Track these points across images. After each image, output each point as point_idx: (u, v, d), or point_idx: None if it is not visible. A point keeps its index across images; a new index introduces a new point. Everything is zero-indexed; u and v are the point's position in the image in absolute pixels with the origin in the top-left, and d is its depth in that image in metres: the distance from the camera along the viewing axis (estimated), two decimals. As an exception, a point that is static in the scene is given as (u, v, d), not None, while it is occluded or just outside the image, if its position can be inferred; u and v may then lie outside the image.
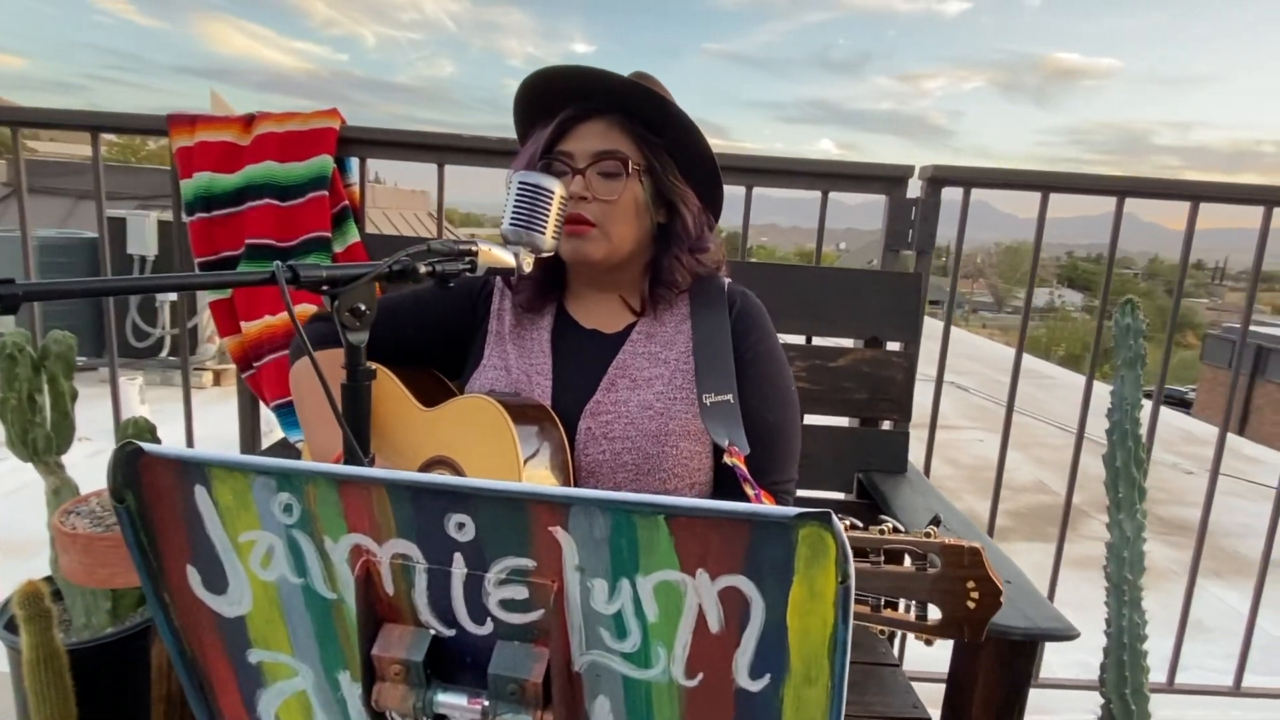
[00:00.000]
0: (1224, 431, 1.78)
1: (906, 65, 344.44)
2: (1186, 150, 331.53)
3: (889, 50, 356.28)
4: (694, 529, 0.50)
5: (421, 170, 1.78)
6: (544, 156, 1.05)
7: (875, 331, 1.57)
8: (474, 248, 0.91)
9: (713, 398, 1.00)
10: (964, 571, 0.64)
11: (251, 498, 0.57)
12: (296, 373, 1.14)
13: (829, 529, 0.48)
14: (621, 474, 1.01)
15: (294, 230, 1.52)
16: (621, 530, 0.51)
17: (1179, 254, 1.74)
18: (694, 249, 1.08)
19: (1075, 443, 1.83)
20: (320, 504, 0.56)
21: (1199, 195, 1.63)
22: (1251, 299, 1.75)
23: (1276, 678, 2.14)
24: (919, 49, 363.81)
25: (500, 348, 1.12)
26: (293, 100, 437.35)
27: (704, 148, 1.05)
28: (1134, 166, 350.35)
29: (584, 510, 0.51)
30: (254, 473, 0.56)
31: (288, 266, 0.76)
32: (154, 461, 0.58)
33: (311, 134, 1.57)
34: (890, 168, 1.63)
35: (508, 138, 1.64)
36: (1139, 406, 1.21)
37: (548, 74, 1.04)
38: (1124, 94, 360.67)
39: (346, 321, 0.81)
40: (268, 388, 1.49)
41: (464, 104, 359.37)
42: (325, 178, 1.55)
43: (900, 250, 1.64)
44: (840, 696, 0.51)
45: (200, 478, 0.57)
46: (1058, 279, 77.94)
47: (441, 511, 0.54)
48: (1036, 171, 1.68)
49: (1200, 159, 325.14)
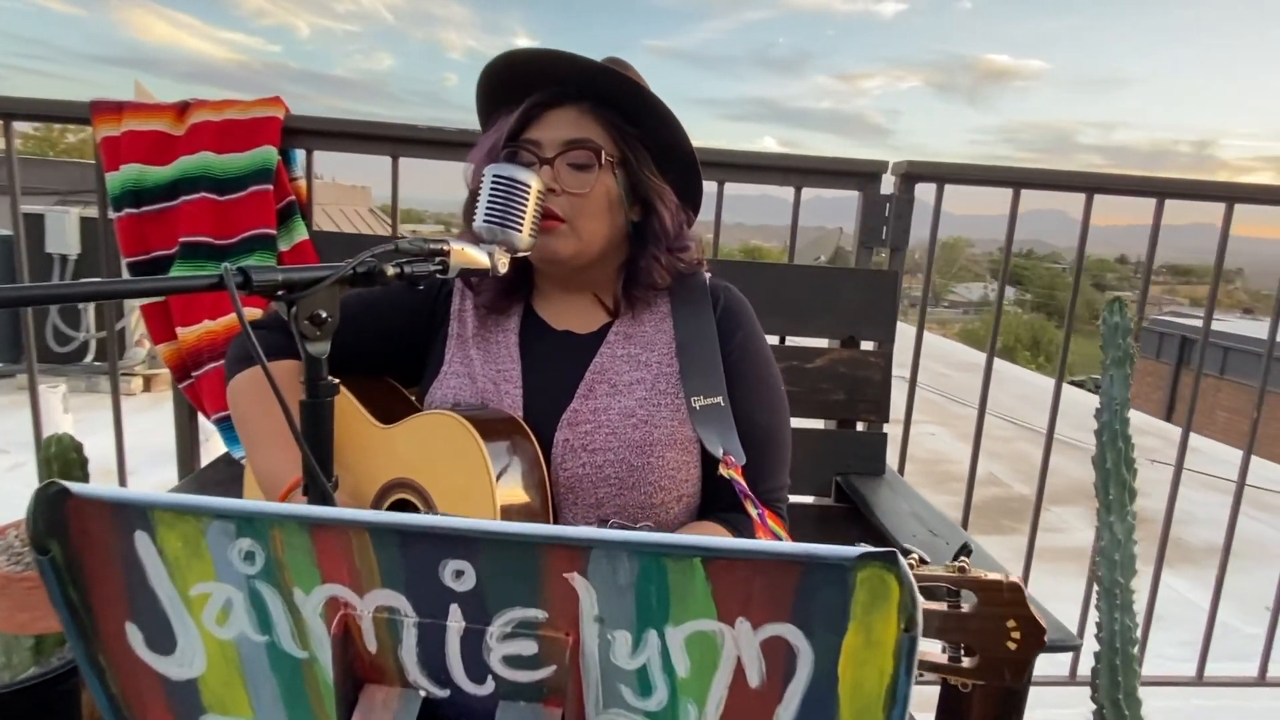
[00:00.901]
0: (1186, 432, 1.80)
1: (845, 65, 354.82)
2: (1109, 149, 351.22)
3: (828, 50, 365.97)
4: (735, 573, 0.44)
5: (363, 164, 1.67)
6: (508, 144, 0.97)
7: (852, 330, 1.53)
8: (446, 247, 0.83)
9: (702, 400, 0.94)
10: (1003, 609, 0.59)
11: (205, 544, 0.48)
12: (236, 389, 1.03)
13: (893, 571, 0.42)
14: (604, 489, 0.94)
15: (234, 227, 1.41)
16: (650, 576, 0.44)
17: (1108, 249, 1.74)
18: (672, 248, 1.01)
19: (1045, 442, 1.83)
20: (289, 551, 0.47)
21: (1164, 192, 1.64)
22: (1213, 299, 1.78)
23: (1228, 663, 2.18)
24: (857, 49, 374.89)
25: (463, 353, 1.04)
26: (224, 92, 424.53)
27: (683, 140, 0.98)
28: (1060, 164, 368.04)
29: (607, 554, 0.44)
30: (208, 516, 0.47)
31: (238, 269, 0.67)
32: (84, 504, 0.49)
33: (252, 123, 1.46)
34: (864, 163, 1.59)
35: (467, 129, 1.55)
36: (1128, 406, 1.19)
37: (514, 56, 0.96)
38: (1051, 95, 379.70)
39: (305, 331, 0.72)
40: (209, 399, 1.37)
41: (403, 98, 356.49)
42: (268, 170, 1.43)
43: (874, 247, 1.60)
44: (900, 757, 0.45)
45: (142, 522, 0.49)
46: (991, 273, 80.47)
47: (436, 558, 0.46)
48: (1009, 168, 1.67)
49: (1122, 158, 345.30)
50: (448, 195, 1.58)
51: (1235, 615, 2.71)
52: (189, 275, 0.67)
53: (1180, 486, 2.17)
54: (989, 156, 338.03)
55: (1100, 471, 1.19)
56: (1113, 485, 1.18)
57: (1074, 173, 1.64)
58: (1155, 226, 1.69)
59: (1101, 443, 1.21)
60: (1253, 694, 1.98)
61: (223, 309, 1.37)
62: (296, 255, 1.45)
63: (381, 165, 1.56)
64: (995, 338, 1.80)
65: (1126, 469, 1.17)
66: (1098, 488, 1.20)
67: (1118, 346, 1.19)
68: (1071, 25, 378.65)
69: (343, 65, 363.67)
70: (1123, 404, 1.18)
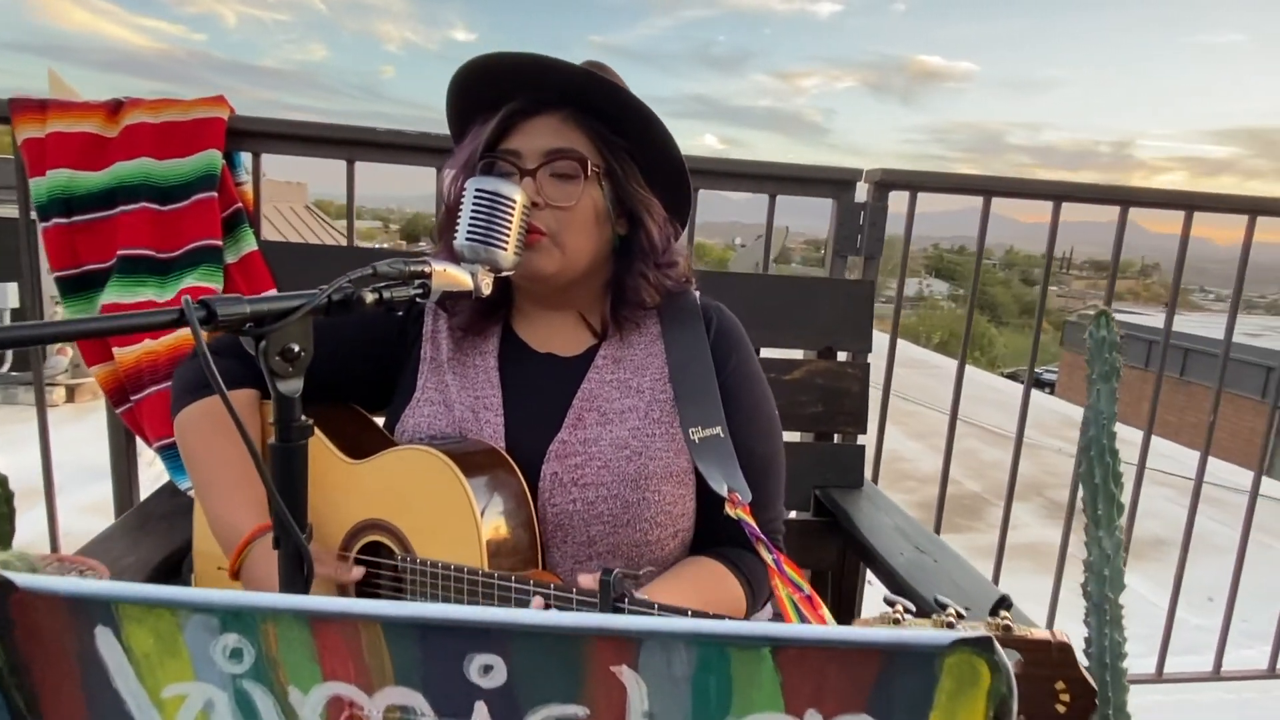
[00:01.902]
0: (1148, 434, 1.83)
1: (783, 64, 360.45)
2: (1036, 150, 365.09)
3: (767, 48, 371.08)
4: (808, 662, 0.39)
5: (297, 159, 1.55)
6: (485, 155, 0.90)
7: (829, 341, 1.51)
8: (427, 269, 0.76)
9: (700, 432, 0.88)
10: (1051, 670, 0.56)
11: (182, 641, 0.41)
12: (186, 423, 0.94)
13: (985, 657, 0.38)
14: (596, 526, 0.88)
15: (177, 238, 1.30)
16: (710, 666, 0.39)
17: (1032, 245, 1.77)
18: (660, 264, 0.95)
19: (1015, 445, 1.84)
20: (284, 648, 0.41)
21: (1129, 200, 1.66)
22: (1173, 301, 1.81)
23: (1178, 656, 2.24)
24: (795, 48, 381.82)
25: (437, 378, 0.97)
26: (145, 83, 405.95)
27: (672, 150, 0.93)
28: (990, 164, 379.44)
29: (661, 645, 0.39)
30: (186, 610, 0.40)
31: (200, 303, 0.60)
32: (31, 599, 0.41)
33: (194, 125, 1.35)
34: (838, 171, 1.57)
35: (428, 132, 1.47)
36: (1114, 420, 1.18)
37: (490, 61, 0.89)
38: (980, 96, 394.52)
39: (276, 367, 0.65)
40: (150, 425, 1.26)
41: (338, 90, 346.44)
42: (213, 176, 1.33)
43: (848, 255, 1.58)
44: None
45: (104, 617, 0.41)
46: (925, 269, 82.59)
47: (460, 652, 0.40)
48: (980, 176, 1.67)
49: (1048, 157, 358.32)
50: (385, 191, 1.49)
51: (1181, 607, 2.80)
52: (146, 314, 0.59)
53: (1125, 481, 2.24)
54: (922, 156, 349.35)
55: (1088, 487, 1.18)
56: (1101, 500, 1.17)
57: (1042, 181, 1.65)
58: (1120, 230, 1.71)
59: (1089, 458, 1.19)
60: (1206, 688, 2.04)
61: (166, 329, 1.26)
62: (245, 268, 1.34)
63: (319, 160, 1.47)
64: (965, 346, 1.80)
65: (1114, 484, 1.16)
66: (1086, 503, 1.19)
67: (1104, 360, 1.17)
68: (999, 29, 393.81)
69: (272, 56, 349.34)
70: (1110, 418, 1.17)
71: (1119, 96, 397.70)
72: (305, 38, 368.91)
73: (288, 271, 1.37)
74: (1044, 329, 2.04)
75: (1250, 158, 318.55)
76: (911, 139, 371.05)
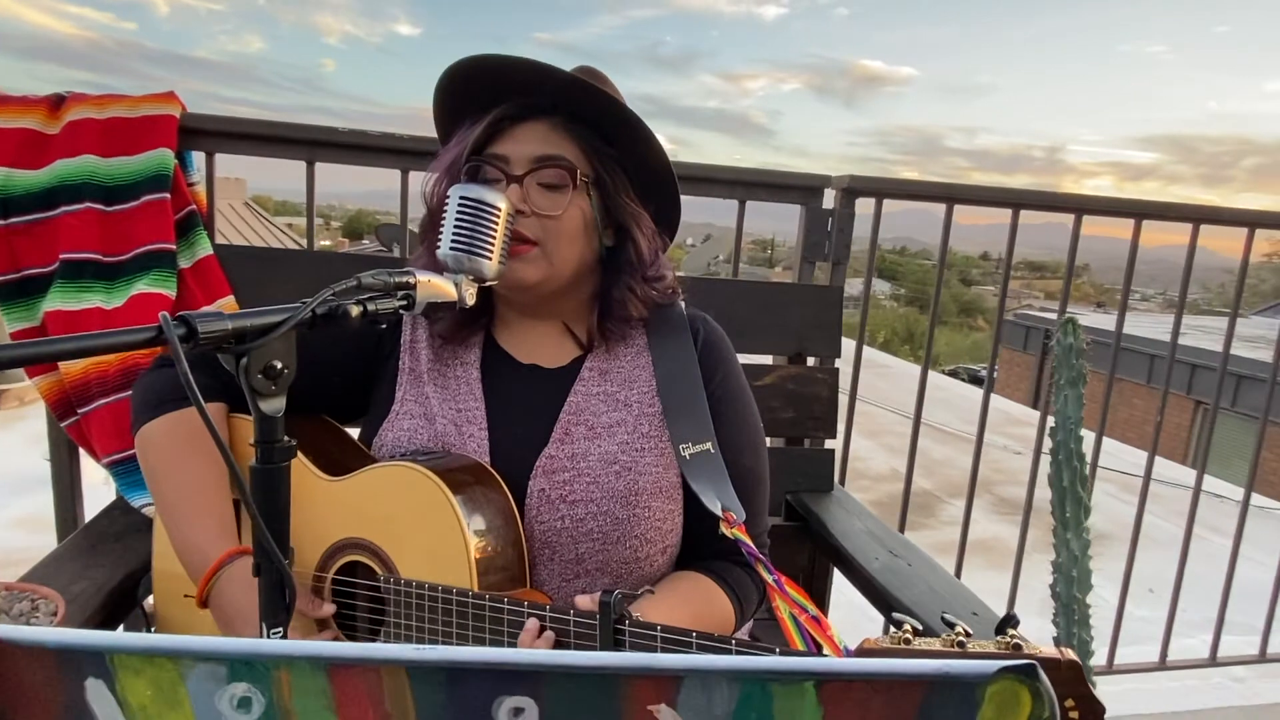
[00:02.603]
0: (1100, 435, 1.89)
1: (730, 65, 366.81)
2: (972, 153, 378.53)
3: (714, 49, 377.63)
4: (852, 696, 0.38)
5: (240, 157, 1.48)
6: (471, 158, 0.88)
7: (799, 346, 1.51)
8: (411, 279, 0.73)
9: (691, 448, 0.87)
10: (1061, 689, 0.56)
11: (184, 693, 0.38)
12: (148, 440, 0.89)
13: (1028, 684, 0.37)
14: (585, 544, 0.86)
15: (126, 242, 1.23)
16: (752, 703, 0.38)
17: (970, 246, 1.81)
18: (648, 277, 0.94)
19: (975, 446, 1.88)
20: (298, 696, 0.38)
21: (1082, 208, 1.71)
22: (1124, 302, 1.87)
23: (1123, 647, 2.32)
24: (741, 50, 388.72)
25: (417, 389, 0.94)
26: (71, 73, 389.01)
27: (663, 160, 0.92)
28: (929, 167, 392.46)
29: (703, 682, 0.38)
30: (190, 659, 0.38)
31: (179, 319, 0.56)
32: (14, 651, 0.38)
33: (143, 122, 1.28)
34: (806, 177, 1.57)
35: (391, 132, 1.43)
36: (1081, 425, 1.21)
37: (482, 61, 0.87)
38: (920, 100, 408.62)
39: (259, 385, 0.62)
40: (99, 439, 1.19)
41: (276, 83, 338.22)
42: (165, 176, 1.26)
43: (817, 261, 1.59)
44: None
45: (96, 669, 0.38)
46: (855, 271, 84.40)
47: (489, 695, 0.38)
48: (942, 184, 1.70)
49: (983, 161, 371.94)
50: (324, 187, 1.42)
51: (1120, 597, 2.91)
52: (120, 332, 0.55)
53: (1043, 472, 2.33)
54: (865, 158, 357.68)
55: (1056, 490, 1.21)
56: (1069, 503, 1.20)
57: (1000, 189, 1.69)
58: (1075, 237, 1.75)
59: (1057, 461, 1.22)
60: (1152, 678, 2.12)
61: (114, 336, 1.20)
62: (199, 273, 1.28)
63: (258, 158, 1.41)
64: (929, 352, 1.83)
65: (1081, 486, 1.20)
66: (1054, 505, 1.22)
67: (1071, 367, 1.20)
68: (937, 35, 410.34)
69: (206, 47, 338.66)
70: (1077, 423, 1.20)
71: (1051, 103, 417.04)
72: (241, 29, 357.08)
73: (246, 277, 1.31)
74: (981, 327, 2.08)
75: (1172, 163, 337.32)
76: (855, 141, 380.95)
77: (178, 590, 0.97)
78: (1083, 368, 1.20)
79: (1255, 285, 28.61)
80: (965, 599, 1.13)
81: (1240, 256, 1.86)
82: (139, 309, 1.21)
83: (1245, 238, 1.84)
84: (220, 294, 1.28)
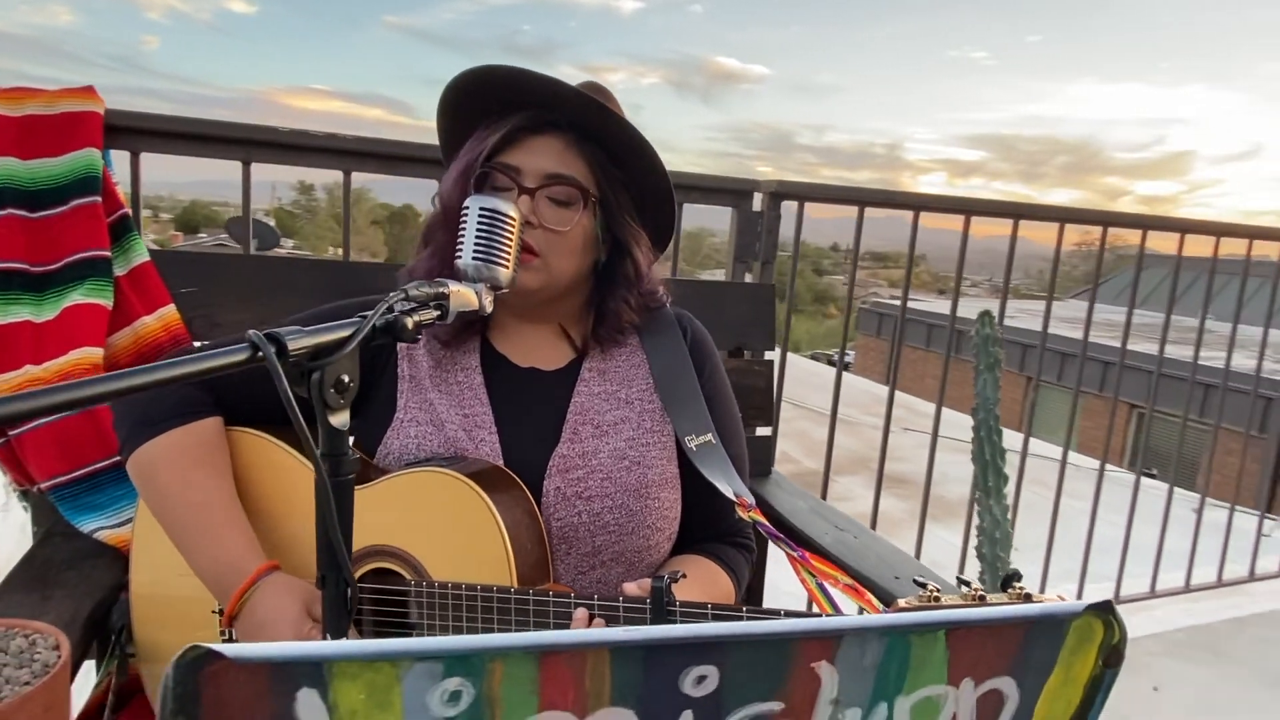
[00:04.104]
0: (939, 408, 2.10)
1: (590, 57, 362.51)
2: (821, 150, 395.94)
3: (573, 41, 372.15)
4: (972, 639, 0.46)
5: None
6: (485, 165, 0.90)
7: (738, 341, 1.61)
8: (445, 290, 0.76)
9: (696, 440, 0.94)
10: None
11: (398, 693, 0.41)
12: (151, 460, 0.86)
13: (1102, 617, 0.47)
14: (601, 536, 0.91)
15: (55, 249, 1.14)
16: (895, 653, 0.45)
17: (821, 238, 1.97)
18: (643, 291, 0.99)
19: (829, 423, 2.04)
20: (506, 685, 0.42)
21: (970, 210, 1.91)
22: (1002, 299, 2.09)
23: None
24: (600, 42, 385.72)
25: (420, 396, 0.95)
26: None
27: (666, 185, 0.96)
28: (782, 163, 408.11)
29: (858, 639, 0.44)
30: (408, 660, 0.40)
31: (269, 336, 0.56)
32: (229, 669, 0.39)
33: (64, 119, 1.19)
34: (737, 181, 1.67)
35: (335, 134, 1.40)
36: (998, 404, 1.37)
37: (493, 73, 0.89)
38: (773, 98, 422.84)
39: (330, 400, 0.62)
40: (37, 463, 1.10)
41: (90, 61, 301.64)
42: (93, 178, 1.18)
43: (749, 261, 1.69)
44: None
45: (310, 679, 0.40)
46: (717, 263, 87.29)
47: (680, 667, 0.43)
48: (856, 188, 1.84)
49: (831, 157, 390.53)
50: (150, 175, 1.33)
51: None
52: (206, 355, 0.54)
53: (925, 450, 2.58)
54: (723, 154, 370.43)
55: (979, 463, 1.37)
56: (991, 473, 1.36)
57: (906, 193, 1.85)
58: (963, 238, 1.95)
59: (979, 438, 1.38)
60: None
61: (50, 351, 1.11)
62: (136, 281, 1.21)
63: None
64: (843, 350, 1.97)
65: (1001, 459, 1.35)
66: (977, 476, 1.38)
67: (989, 354, 1.36)
68: (788, 36, 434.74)
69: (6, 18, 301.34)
70: (995, 403, 1.36)
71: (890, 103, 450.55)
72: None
73: (186, 284, 1.25)
74: (833, 314, 2.24)
75: (995, 161, 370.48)
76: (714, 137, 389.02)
77: (159, 614, 0.94)
78: (998, 354, 1.35)
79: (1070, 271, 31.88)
80: (911, 565, 1.26)
81: (1055, 246, 2.10)
82: (74, 321, 1.13)
83: (1057, 230, 2.09)
84: (160, 303, 1.22)
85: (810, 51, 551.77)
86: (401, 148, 1.42)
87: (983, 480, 1.33)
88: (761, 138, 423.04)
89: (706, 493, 0.93)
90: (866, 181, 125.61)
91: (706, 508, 0.98)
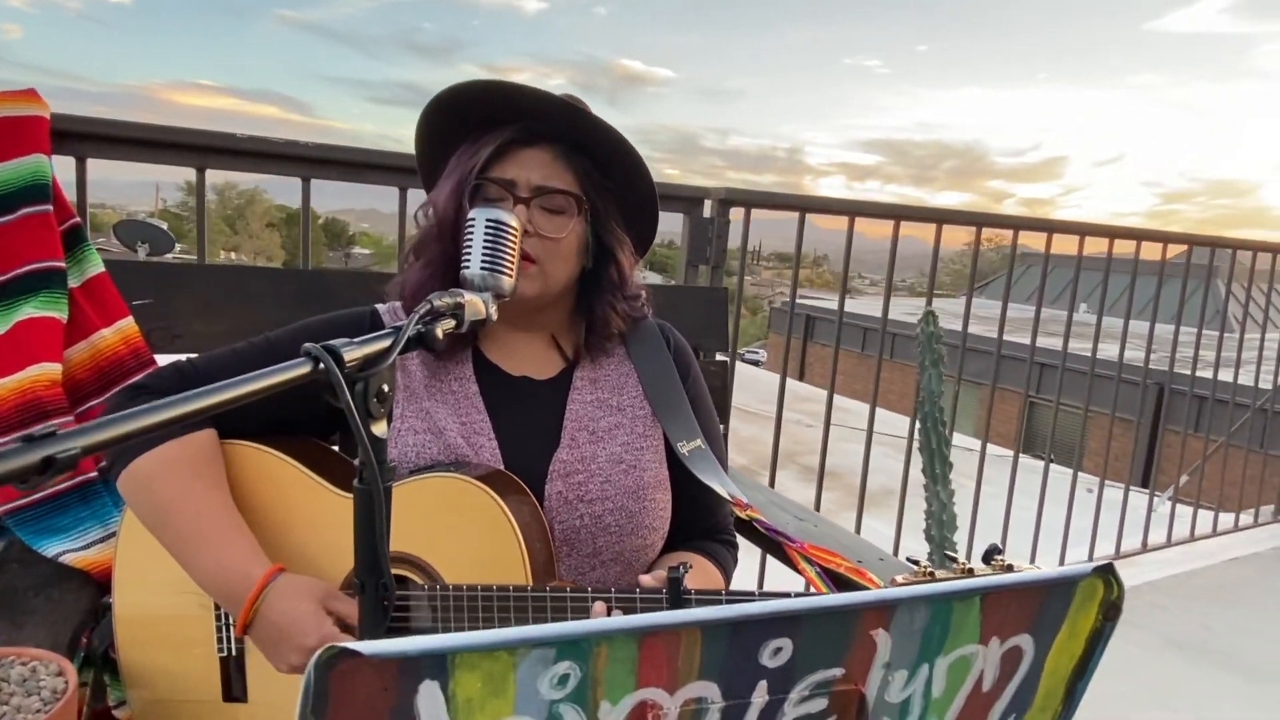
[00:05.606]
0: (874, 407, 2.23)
1: (493, 56, 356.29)
2: (725, 153, 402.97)
3: (475, 39, 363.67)
4: (1001, 601, 0.52)
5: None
6: (480, 178, 0.92)
7: (694, 342, 1.66)
8: (462, 299, 0.78)
9: (687, 445, 0.99)
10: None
11: (513, 680, 0.44)
12: (148, 473, 0.84)
13: (1104, 577, 0.54)
14: (603, 538, 0.94)
15: (6, 260, 1.09)
16: (938, 617, 0.51)
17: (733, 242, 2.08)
18: (627, 295, 1.03)
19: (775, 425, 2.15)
20: (610, 666, 0.46)
21: (900, 215, 2.03)
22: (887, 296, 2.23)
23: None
24: (503, 42, 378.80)
25: (416, 405, 0.96)
26: None
27: (651, 193, 1.01)
28: (689, 165, 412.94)
29: (909, 607, 0.50)
30: (525, 647, 0.44)
31: (327, 349, 0.58)
32: (362, 666, 0.41)
33: (8, 124, 1.13)
34: (689, 189, 1.73)
35: (296, 140, 1.38)
36: (941, 397, 1.48)
37: (492, 86, 0.91)
38: (678, 101, 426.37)
39: (372, 409, 0.64)
40: (-7, 484, 1.05)
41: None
42: (44, 185, 1.13)
43: (700, 265, 1.75)
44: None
45: (434, 671, 0.43)
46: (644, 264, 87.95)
47: (759, 641, 0.48)
48: (798, 196, 1.94)
49: (736, 160, 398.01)
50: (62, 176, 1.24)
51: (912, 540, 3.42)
52: (268, 372, 0.55)
53: (844, 443, 2.65)
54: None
55: (926, 451, 1.47)
56: (937, 462, 1.46)
57: (840, 200, 1.95)
58: (893, 239, 2.07)
59: (926, 429, 1.48)
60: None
61: (4, 368, 1.06)
62: (91, 292, 1.16)
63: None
64: (786, 354, 2.06)
65: (945, 447, 1.46)
66: (925, 464, 1.48)
67: (932, 350, 1.46)
68: (691, 41, 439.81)
69: None
70: (939, 396, 1.46)
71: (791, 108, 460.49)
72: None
73: (141, 296, 1.21)
74: (745, 314, 2.31)
75: (889, 165, 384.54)
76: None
77: (148, 635, 0.92)
78: (941, 351, 1.46)
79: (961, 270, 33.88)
80: (871, 549, 1.35)
81: (933, 244, 2.27)
82: (27, 336, 1.08)
83: (935, 231, 2.25)
84: (117, 315, 1.18)
85: (714, 56, 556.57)
86: (362, 155, 1.42)
87: (930, 468, 1.43)
88: (668, 140, 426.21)
89: (694, 493, 0.99)
90: (770, 185, 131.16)
91: (694, 508, 1.04)
